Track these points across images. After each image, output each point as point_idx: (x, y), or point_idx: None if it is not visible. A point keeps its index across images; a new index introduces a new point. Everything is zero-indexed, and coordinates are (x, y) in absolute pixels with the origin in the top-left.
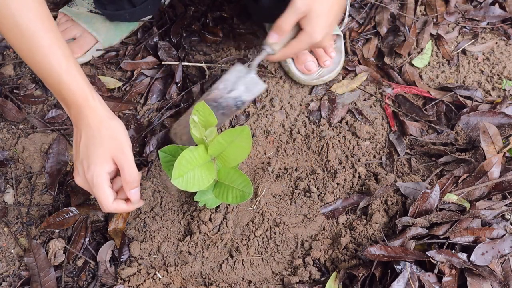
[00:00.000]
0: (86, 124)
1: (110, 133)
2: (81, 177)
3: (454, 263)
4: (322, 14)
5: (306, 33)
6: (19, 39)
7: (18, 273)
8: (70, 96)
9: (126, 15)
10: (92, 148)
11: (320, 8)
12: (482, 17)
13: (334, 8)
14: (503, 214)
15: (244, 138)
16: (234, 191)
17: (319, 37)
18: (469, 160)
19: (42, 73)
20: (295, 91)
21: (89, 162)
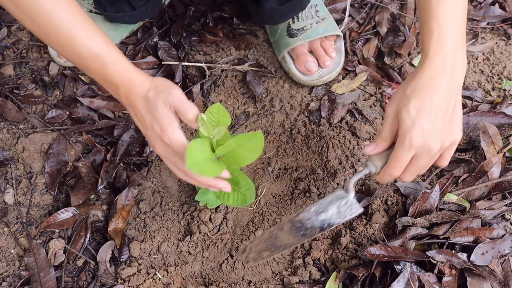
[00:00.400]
0: (137, 97)
1: (157, 91)
2: (159, 144)
3: (454, 263)
4: (416, 116)
5: (400, 140)
6: (57, 35)
7: (18, 273)
8: (118, 77)
9: (126, 18)
10: (154, 111)
11: (410, 108)
12: (482, 17)
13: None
14: (503, 214)
15: (256, 142)
16: (236, 194)
17: (416, 140)
18: (469, 160)
19: (86, 62)
20: (295, 91)
21: (159, 124)
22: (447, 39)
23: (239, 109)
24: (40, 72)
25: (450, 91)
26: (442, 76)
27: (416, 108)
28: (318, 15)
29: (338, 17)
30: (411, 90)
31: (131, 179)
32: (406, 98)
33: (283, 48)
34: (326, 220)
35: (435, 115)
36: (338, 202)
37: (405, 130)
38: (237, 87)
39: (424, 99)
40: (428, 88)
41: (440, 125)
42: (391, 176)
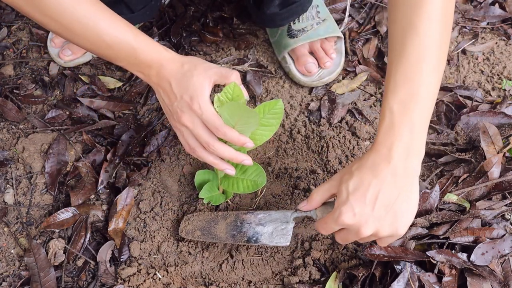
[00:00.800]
0: (170, 71)
1: (193, 63)
2: (186, 113)
3: (454, 263)
4: (352, 192)
5: (333, 211)
6: (83, 31)
7: (18, 273)
8: (148, 57)
9: None
10: (186, 81)
11: (349, 185)
12: (482, 17)
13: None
14: (503, 214)
15: (275, 113)
16: (245, 181)
17: (345, 219)
18: (469, 160)
19: (115, 51)
20: (295, 91)
21: (190, 93)
22: (397, 131)
23: None
24: (40, 72)
25: (391, 183)
26: (386, 164)
27: (354, 185)
28: (319, 16)
29: (338, 17)
30: (356, 167)
31: (131, 179)
32: (350, 173)
33: (283, 49)
34: (258, 234)
35: (370, 199)
36: (279, 224)
37: (339, 203)
38: None
39: (363, 180)
40: (370, 171)
41: (375, 212)
42: (320, 231)
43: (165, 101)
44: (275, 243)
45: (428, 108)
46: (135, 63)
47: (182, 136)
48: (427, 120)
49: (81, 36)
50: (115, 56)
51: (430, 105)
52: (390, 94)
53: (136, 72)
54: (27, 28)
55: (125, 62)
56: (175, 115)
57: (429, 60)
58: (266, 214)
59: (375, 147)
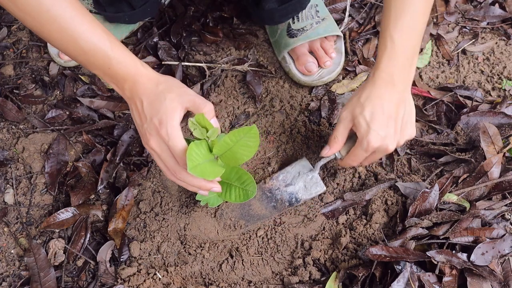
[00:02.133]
0: (143, 89)
1: (168, 85)
2: (154, 137)
3: (454, 263)
4: (371, 120)
5: (359, 142)
6: (58, 31)
7: (18, 273)
8: (123, 70)
9: (126, 18)
10: (158, 104)
11: (365, 114)
12: (482, 17)
13: (386, 109)
14: (503, 214)
15: (251, 137)
16: (237, 190)
17: (375, 144)
18: (469, 160)
19: (89, 57)
20: (295, 91)
21: (160, 117)
22: (398, 57)
23: (239, 109)
24: (40, 72)
25: (398, 101)
26: (391, 88)
27: (370, 114)
28: (319, 15)
29: (338, 17)
30: (365, 98)
31: (131, 179)
32: (361, 106)
33: (283, 48)
34: (294, 194)
35: (387, 120)
36: (304, 176)
37: (363, 134)
38: (237, 87)
39: (376, 106)
40: (379, 98)
41: (393, 129)
42: (350, 165)
43: (136, 120)
44: (315, 193)
45: (421, 37)
46: (109, 74)
47: (154, 158)
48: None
49: (57, 37)
50: (89, 63)
51: (422, 34)
52: (392, 24)
53: (110, 83)
54: (27, 28)
55: (99, 71)
56: (144, 137)
57: None
58: (285, 173)
59: (378, 74)
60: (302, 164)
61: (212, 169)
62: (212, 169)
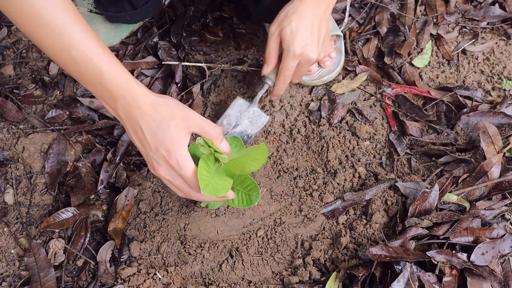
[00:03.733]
0: (141, 113)
1: (170, 109)
2: (163, 167)
3: (454, 263)
4: (296, 30)
5: (285, 51)
6: (50, 37)
7: (18, 273)
8: (115, 87)
9: (127, 17)
10: (162, 132)
11: (292, 25)
12: (482, 17)
13: (310, 23)
14: (503, 214)
15: (260, 152)
16: (240, 194)
17: (298, 50)
18: (469, 160)
19: (79, 69)
20: (295, 91)
21: (167, 147)
22: None
23: None
24: (40, 72)
25: (320, 18)
26: (315, 6)
27: (295, 25)
28: None
29: (338, 17)
30: (292, 13)
31: (131, 179)
32: (288, 19)
33: None
34: (243, 132)
35: (311, 31)
36: (246, 113)
37: (289, 42)
38: (237, 87)
39: (301, 20)
40: (304, 13)
41: (316, 40)
42: (284, 82)
43: (138, 146)
44: (261, 124)
45: None
46: (99, 90)
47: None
48: None
49: (48, 44)
50: (81, 75)
51: None
52: None
53: (101, 100)
54: None
55: (90, 86)
56: (150, 164)
57: None
58: (227, 116)
59: None
60: (239, 103)
61: (222, 183)
62: (222, 182)
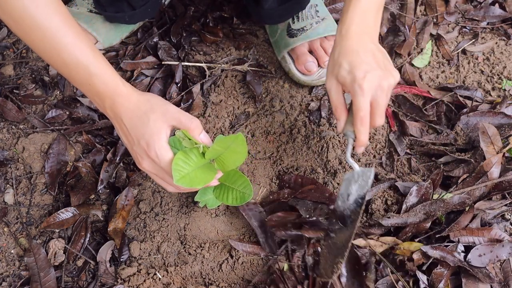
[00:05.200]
0: (125, 109)
1: (150, 104)
2: (146, 160)
3: (448, 261)
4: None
5: (351, 91)
6: (41, 40)
7: (18, 273)
8: (103, 87)
9: (126, 18)
10: (141, 126)
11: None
12: (482, 17)
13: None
14: (503, 214)
15: (239, 144)
16: (234, 192)
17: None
18: (469, 160)
19: (70, 71)
20: (295, 91)
21: (147, 139)
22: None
23: (239, 109)
24: (40, 72)
25: (372, 49)
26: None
27: (349, 63)
28: (318, 15)
29: (338, 17)
30: (338, 54)
31: (131, 179)
32: (338, 63)
33: (283, 48)
34: (356, 197)
35: (366, 61)
36: (352, 180)
37: (351, 82)
38: (237, 87)
39: (352, 57)
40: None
41: (375, 64)
42: (363, 125)
43: (124, 141)
44: (370, 181)
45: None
46: (90, 90)
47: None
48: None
49: (39, 46)
50: (71, 77)
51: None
52: None
53: (91, 99)
54: None
55: (79, 85)
56: (135, 159)
57: None
58: (340, 196)
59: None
60: (345, 179)
61: (202, 176)
62: (203, 175)
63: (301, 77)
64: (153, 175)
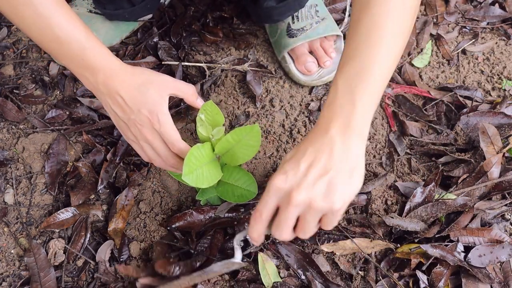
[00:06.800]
0: (120, 82)
1: (146, 76)
2: (145, 127)
3: (448, 260)
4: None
5: None
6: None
7: (18, 273)
8: (97, 61)
9: (125, 14)
10: (141, 96)
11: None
12: (482, 17)
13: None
14: (503, 214)
15: (253, 136)
16: (238, 190)
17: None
18: (469, 160)
19: (61, 46)
20: (295, 91)
21: (149, 107)
22: (338, 103)
23: (239, 109)
24: (40, 72)
25: (329, 152)
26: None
27: (291, 154)
28: (318, 15)
29: (338, 17)
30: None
31: (131, 179)
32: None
33: (283, 48)
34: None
35: (304, 166)
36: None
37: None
38: (237, 87)
39: (299, 149)
40: (307, 142)
41: (309, 178)
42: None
43: (118, 113)
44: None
45: (375, 87)
46: (81, 65)
47: (141, 148)
48: (372, 99)
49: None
50: (62, 53)
51: (377, 84)
52: (338, 69)
53: (80, 76)
54: None
55: (72, 63)
56: (133, 128)
57: (379, 38)
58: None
59: (316, 123)
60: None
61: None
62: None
63: (301, 77)
64: (146, 144)
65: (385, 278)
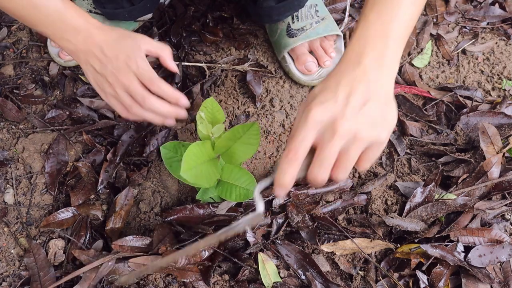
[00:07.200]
0: (100, 38)
1: (123, 31)
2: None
3: (448, 260)
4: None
5: None
6: None
7: (18, 273)
8: (77, 22)
9: (125, 14)
10: (120, 45)
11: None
12: (482, 17)
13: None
14: (503, 214)
15: (252, 134)
16: (238, 189)
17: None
18: (469, 160)
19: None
20: (295, 91)
21: (127, 52)
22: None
23: (239, 109)
24: (40, 72)
25: (366, 82)
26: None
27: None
28: (318, 15)
29: (338, 17)
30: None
31: (131, 179)
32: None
33: (283, 48)
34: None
35: (342, 97)
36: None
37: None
38: (237, 87)
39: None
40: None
41: (350, 108)
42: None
43: (96, 67)
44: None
45: (405, 27)
46: (61, 28)
47: (117, 100)
48: (403, 35)
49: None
50: (39, 19)
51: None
52: (366, 5)
53: (59, 40)
54: (27, 28)
55: (50, 27)
56: (110, 77)
57: None
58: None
59: (343, 56)
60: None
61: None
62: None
63: (301, 77)
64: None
65: (385, 278)
